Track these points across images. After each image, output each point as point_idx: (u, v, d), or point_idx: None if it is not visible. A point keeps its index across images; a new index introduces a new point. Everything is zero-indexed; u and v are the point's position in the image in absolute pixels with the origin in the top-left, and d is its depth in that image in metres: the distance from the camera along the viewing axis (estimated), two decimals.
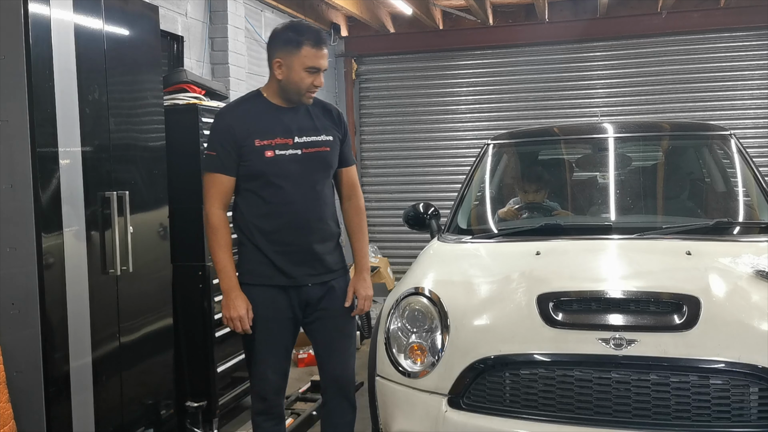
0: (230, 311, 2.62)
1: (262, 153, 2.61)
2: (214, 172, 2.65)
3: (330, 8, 7.60)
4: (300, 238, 2.67)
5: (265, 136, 2.63)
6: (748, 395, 2.21)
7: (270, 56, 2.67)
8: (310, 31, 2.63)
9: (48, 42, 2.73)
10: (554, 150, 4.23)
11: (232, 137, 2.61)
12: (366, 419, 2.87)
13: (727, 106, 7.36)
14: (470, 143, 7.87)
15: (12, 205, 2.69)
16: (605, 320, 2.40)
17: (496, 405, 2.39)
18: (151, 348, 3.36)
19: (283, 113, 2.69)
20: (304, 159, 2.67)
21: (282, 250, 2.66)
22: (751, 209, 3.40)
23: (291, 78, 2.61)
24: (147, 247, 3.30)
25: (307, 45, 2.59)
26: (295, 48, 2.59)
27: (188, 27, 5.17)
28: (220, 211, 2.66)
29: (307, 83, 2.62)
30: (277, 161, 2.63)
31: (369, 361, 2.85)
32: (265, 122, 2.65)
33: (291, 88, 2.64)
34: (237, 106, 2.75)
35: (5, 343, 2.69)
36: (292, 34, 2.61)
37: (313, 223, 2.70)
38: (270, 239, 2.66)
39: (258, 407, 2.77)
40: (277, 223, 2.65)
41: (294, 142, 2.66)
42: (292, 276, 2.68)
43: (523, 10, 7.97)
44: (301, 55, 2.59)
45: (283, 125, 2.67)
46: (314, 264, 2.70)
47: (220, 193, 2.66)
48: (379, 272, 7.26)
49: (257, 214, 2.66)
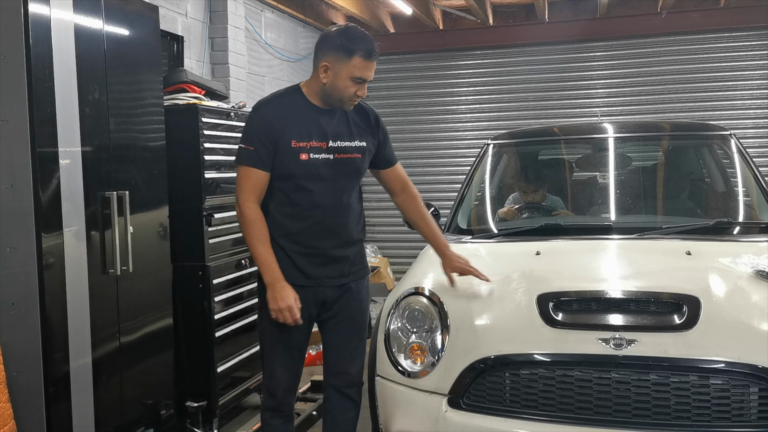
0: (279, 303, 2.55)
1: (297, 155, 2.58)
2: (252, 166, 2.59)
3: (330, 8, 7.60)
4: (323, 242, 2.66)
5: (302, 138, 2.59)
6: (748, 395, 2.21)
7: (318, 57, 2.61)
8: (364, 41, 2.56)
9: (48, 42, 2.73)
10: (554, 150, 4.23)
11: (271, 133, 2.57)
12: (366, 419, 2.87)
13: (727, 106, 7.37)
14: (470, 143, 7.87)
15: (12, 205, 2.69)
16: (605, 320, 2.40)
17: (496, 405, 2.39)
18: (151, 348, 3.36)
19: (320, 114, 2.64)
20: (335, 164, 2.64)
21: (304, 251, 2.65)
22: (751, 209, 3.40)
23: (336, 84, 2.56)
24: (147, 247, 3.30)
25: (359, 55, 2.53)
26: (346, 56, 2.53)
27: (188, 27, 5.17)
28: (255, 204, 2.61)
29: (350, 92, 2.57)
30: (309, 165, 2.60)
31: (369, 361, 2.85)
32: (302, 122, 2.61)
33: (334, 94, 2.59)
34: (276, 100, 2.69)
35: (5, 343, 2.69)
36: (346, 42, 2.54)
37: (338, 228, 2.68)
38: (293, 239, 2.64)
39: (267, 404, 2.78)
40: (302, 226, 2.64)
41: (328, 146, 2.63)
42: (311, 277, 2.66)
43: (523, 10, 7.97)
44: (351, 64, 2.53)
45: (319, 127, 2.63)
46: (334, 267, 2.70)
47: (255, 187, 2.60)
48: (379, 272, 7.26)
49: (284, 213, 2.64)
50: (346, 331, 2.78)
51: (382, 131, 2.80)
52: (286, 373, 2.73)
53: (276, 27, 6.67)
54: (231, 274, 3.91)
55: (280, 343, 2.70)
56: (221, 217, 3.84)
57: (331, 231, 2.66)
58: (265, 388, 2.78)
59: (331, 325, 2.78)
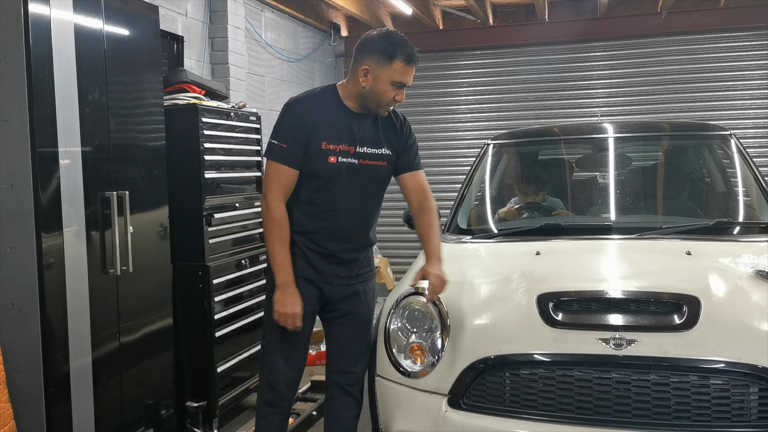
0: (285, 307, 2.59)
1: (326, 157, 2.59)
2: (284, 164, 2.59)
3: (330, 8, 7.60)
4: (335, 245, 2.68)
5: (332, 140, 2.60)
6: (748, 395, 2.20)
7: (357, 60, 2.60)
8: (405, 45, 2.57)
9: (48, 42, 2.73)
10: (554, 150, 4.23)
11: (305, 132, 2.57)
12: (366, 419, 2.87)
13: (727, 106, 7.37)
14: (470, 143, 7.87)
15: (12, 205, 2.69)
16: (605, 320, 2.40)
17: (496, 405, 2.39)
18: (151, 348, 3.36)
19: (352, 118, 2.65)
20: (359, 170, 2.65)
21: (316, 250, 2.68)
22: (751, 209, 3.40)
23: (375, 88, 2.56)
24: (147, 247, 3.30)
25: (400, 59, 2.54)
26: (387, 60, 2.54)
27: (188, 27, 5.17)
28: (282, 204, 2.62)
29: (389, 97, 2.57)
30: (336, 168, 2.61)
31: (369, 361, 2.85)
32: (335, 124, 2.61)
33: (372, 98, 2.59)
34: (311, 99, 2.67)
35: (5, 343, 2.69)
36: (388, 46, 2.55)
37: (352, 234, 2.70)
38: (308, 237, 2.67)
39: (266, 397, 2.76)
40: (317, 226, 2.66)
41: (355, 150, 2.63)
42: (321, 273, 2.70)
43: (523, 10, 7.97)
44: (392, 68, 2.54)
45: (350, 131, 2.63)
46: (344, 268, 2.73)
47: (284, 185, 2.61)
48: (379, 272, 7.26)
49: (303, 211, 2.66)
50: (352, 332, 2.79)
51: (406, 135, 2.77)
52: (289, 366, 2.73)
53: (276, 27, 6.67)
54: (231, 274, 3.92)
55: (285, 336, 2.69)
56: (221, 217, 3.84)
57: (345, 235, 2.68)
58: (265, 381, 2.77)
59: (337, 325, 2.79)
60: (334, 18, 7.85)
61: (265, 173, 2.66)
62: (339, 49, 8.10)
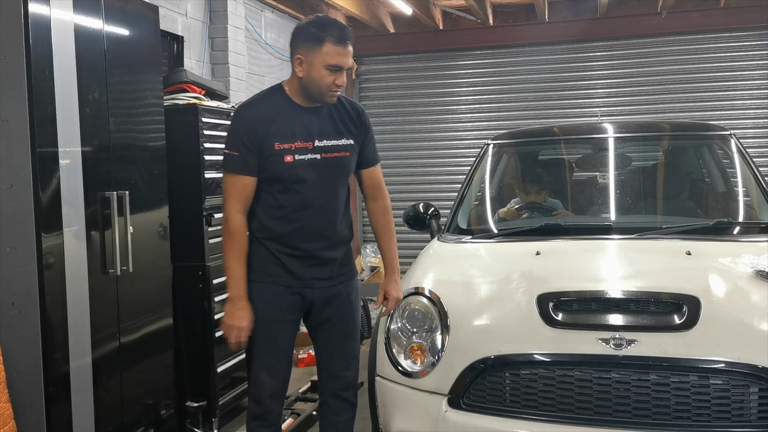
0: (234, 320, 2.54)
1: (282, 157, 2.52)
2: (237, 173, 2.53)
3: (330, 8, 7.60)
4: (311, 244, 2.60)
5: (285, 140, 2.53)
6: (748, 395, 2.21)
7: (291, 52, 2.55)
8: (333, 26, 2.50)
9: (48, 42, 2.73)
10: (554, 150, 4.23)
11: (255, 136, 2.50)
12: (366, 419, 2.87)
13: (727, 106, 7.37)
14: (470, 143, 7.87)
15: (12, 205, 2.69)
16: (605, 320, 2.40)
17: (496, 405, 2.40)
18: (151, 348, 3.36)
19: (304, 114, 2.58)
20: (322, 164, 2.57)
21: (292, 253, 2.59)
22: (751, 209, 3.40)
23: (312, 76, 2.49)
24: (147, 247, 3.30)
25: (330, 41, 2.45)
26: (316, 44, 2.46)
27: (188, 27, 5.17)
28: (241, 215, 2.56)
29: (328, 82, 2.49)
30: (295, 166, 2.53)
31: (369, 361, 2.85)
32: (286, 123, 2.55)
33: (312, 87, 2.52)
34: (258, 102, 2.62)
35: (5, 343, 2.69)
36: (315, 30, 2.48)
37: (326, 230, 2.62)
38: (281, 242, 2.59)
39: (253, 411, 2.68)
40: (289, 228, 2.58)
41: (314, 146, 2.56)
42: (300, 278, 2.61)
43: (523, 10, 7.97)
44: (323, 52, 2.45)
45: (303, 127, 2.56)
46: (323, 269, 2.63)
47: (242, 195, 2.54)
48: (379, 272, 7.27)
49: (271, 216, 2.59)
50: (340, 335, 2.70)
51: (365, 127, 2.71)
52: (272, 377, 2.64)
53: (276, 27, 6.67)
54: None
55: (266, 346, 2.62)
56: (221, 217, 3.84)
57: (319, 233, 2.60)
58: (251, 395, 2.69)
59: (324, 330, 2.71)
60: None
61: (222, 185, 2.59)
62: None
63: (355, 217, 8.40)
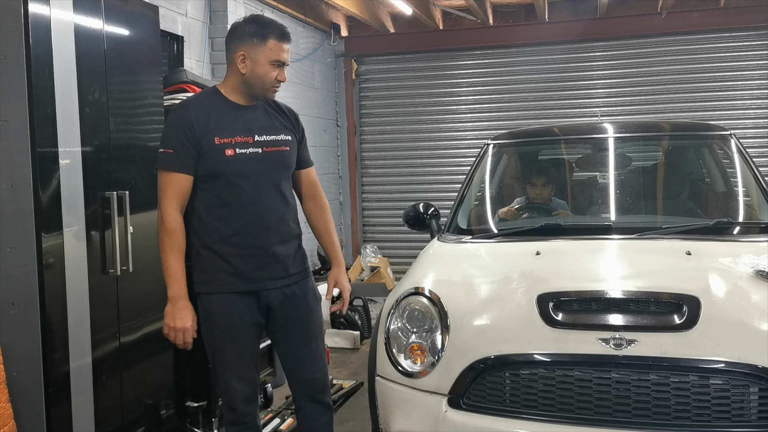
0: (176, 321, 2.52)
1: (222, 151, 2.52)
2: (173, 170, 2.50)
3: (330, 8, 7.60)
4: (261, 240, 2.58)
5: (225, 134, 2.53)
6: (748, 395, 2.20)
7: (232, 50, 2.58)
8: (275, 25, 2.59)
9: (48, 42, 2.73)
10: (554, 150, 4.23)
11: (192, 134, 2.50)
12: (366, 419, 2.87)
13: (727, 106, 7.37)
14: (470, 143, 7.88)
15: (12, 205, 2.69)
16: (605, 320, 2.40)
17: (496, 405, 2.39)
18: (151, 348, 3.36)
19: (242, 111, 2.61)
20: (264, 158, 2.59)
21: (242, 253, 2.56)
22: (751, 209, 3.40)
23: (256, 72, 2.55)
24: (147, 247, 3.30)
25: (273, 38, 2.54)
26: (261, 41, 2.53)
27: (188, 27, 5.18)
28: (177, 213, 2.52)
29: (272, 77, 2.56)
30: (237, 160, 2.54)
31: (369, 361, 2.84)
32: (224, 120, 2.56)
33: (255, 83, 2.57)
34: (195, 102, 2.64)
35: (5, 343, 2.70)
36: (258, 27, 2.55)
37: (274, 224, 2.61)
38: (229, 242, 2.56)
39: (229, 418, 2.67)
40: (236, 226, 2.55)
41: (254, 140, 2.58)
42: (252, 280, 2.58)
43: (523, 10, 7.97)
44: (267, 48, 2.53)
45: (242, 123, 2.59)
46: (276, 267, 2.61)
47: (178, 193, 2.52)
48: (379, 272, 7.26)
49: (216, 216, 2.56)
50: (300, 337, 2.68)
51: (301, 130, 2.76)
52: (242, 383, 2.62)
53: None
54: None
55: (231, 353, 2.61)
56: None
57: (268, 227, 2.59)
58: (224, 403, 2.67)
59: (283, 335, 2.69)
60: (334, 18, 7.85)
61: (158, 185, 2.56)
62: (339, 49, 8.10)
63: (355, 217, 8.41)
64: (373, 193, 8.43)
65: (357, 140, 8.36)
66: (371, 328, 5.77)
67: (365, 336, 5.72)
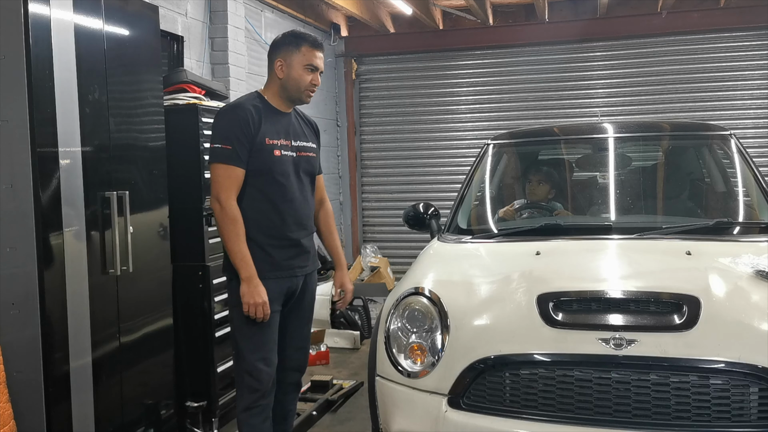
0: (254, 297, 2.73)
1: (272, 151, 2.80)
2: (231, 164, 2.75)
3: (330, 8, 7.60)
4: (295, 233, 2.89)
5: (273, 136, 2.83)
6: (748, 395, 2.20)
7: (272, 59, 2.89)
8: (308, 35, 2.91)
9: (48, 42, 2.73)
10: (554, 150, 4.23)
11: (249, 131, 2.76)
12: (366, 419, 2.88)
13: (727, 106, 7.37)
14: (470, 143, 7.88)
15: (12, 205, 2.69)
16: (605, 320, 2.40)
17: (496, 405, 2.39)
18: (151, 348, 3.36)
19: (281, 116, 2.91)
20: (299, 161, 2.91)
21: (279, 244, 2.85)
22: (751, 209, 3.40)
23: (291, 75, 2.84)
24: (147, 247, 3.30)
25: (306, 45, 2.85)
26: (295, 47, 2.84)
27: (188, 27, 5.18)
28: (236, 203, 2.77)
29: (306, 80, 2.85)
30: (282, 160, 2.83)
31: (369, 361, 2.85)
32: (271, 122, 2.84)
33: (291, 85, 2.85)
34: (245, 103, 2.86)
35: (5, 343, 2.70)
36: (293, 38, 2.88)
37: (305, 219, 2.94)
38: (269, 234, 2.83)
39: (248, 400, 2.83)
40: (277, 219, 2.83)
41: (291, 144, 2.89)
42: (284, 269, 2.86)
43: (523, 10, 7.97)
44: (301, 53, 2.84)
45: (283, 127, 2.89)
46: (303, 257, 2.94)
47: (234, 185, 2.76)
48: (379, 272, 7.27)
49: (258, 209, 2.81)
50: (303, 320, 3.03)
51: (320, 141, 3.10)
52: (268, 365, 2.84)
53: (276, 27, 6.67)
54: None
55: (259, 340, 2.83)
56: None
57: (301, 222, 2.91)
58: (246, 386, 2.84)
59: (292, 317, 2.98)
60: (334, 18, 7.85)
61: (212, 177, 2.79)
62: (339, 49, 8.10)
63: (355, 217, 8.41)
64: (373, 193, 8.43)
65: (357, 140, 8.37)
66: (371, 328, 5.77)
67: (365, 336, 5.73)
